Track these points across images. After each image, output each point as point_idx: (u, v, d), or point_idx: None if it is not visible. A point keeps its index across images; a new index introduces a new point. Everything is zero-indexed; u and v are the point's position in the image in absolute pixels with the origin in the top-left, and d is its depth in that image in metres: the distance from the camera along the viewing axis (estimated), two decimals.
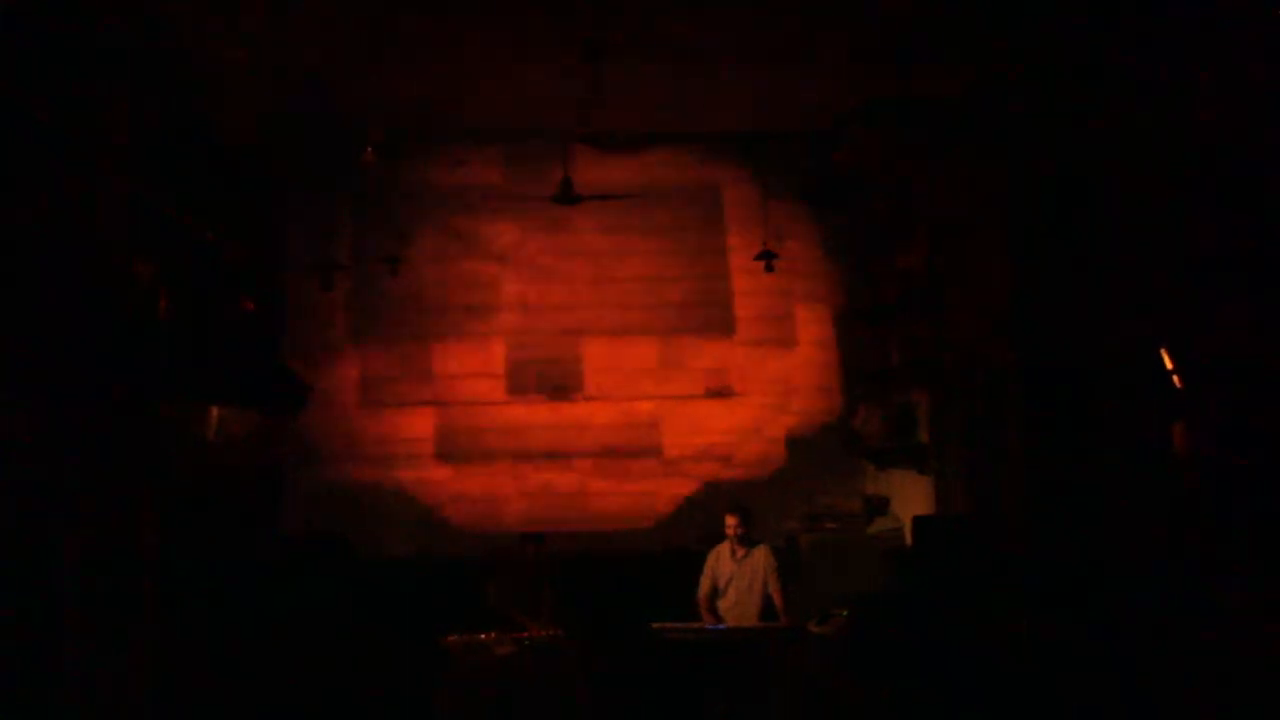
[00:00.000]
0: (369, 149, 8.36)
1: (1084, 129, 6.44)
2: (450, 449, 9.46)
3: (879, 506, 9.23)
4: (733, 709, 7.58)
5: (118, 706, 5.45)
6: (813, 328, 9.78)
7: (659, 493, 9.55)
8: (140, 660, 5.69)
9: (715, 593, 8.09)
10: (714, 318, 9.72)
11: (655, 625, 7.66)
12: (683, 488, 9.55)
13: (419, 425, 9.46)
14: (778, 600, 7.87)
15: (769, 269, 8.70)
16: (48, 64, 5.11)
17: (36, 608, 4.97)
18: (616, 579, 8.82)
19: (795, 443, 9.63)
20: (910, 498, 8.81)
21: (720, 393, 9.67)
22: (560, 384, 9.59)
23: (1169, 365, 5.47)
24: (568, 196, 7.98)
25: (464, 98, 8.64)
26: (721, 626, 7.79)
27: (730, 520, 8.02)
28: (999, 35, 7.05)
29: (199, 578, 6.70)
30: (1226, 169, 5.21)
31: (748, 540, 8.03)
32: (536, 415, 9.55)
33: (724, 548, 8.11)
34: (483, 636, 7.56)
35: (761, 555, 8.01)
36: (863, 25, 7.21)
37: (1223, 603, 5.13)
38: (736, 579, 8.01)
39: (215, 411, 7.11)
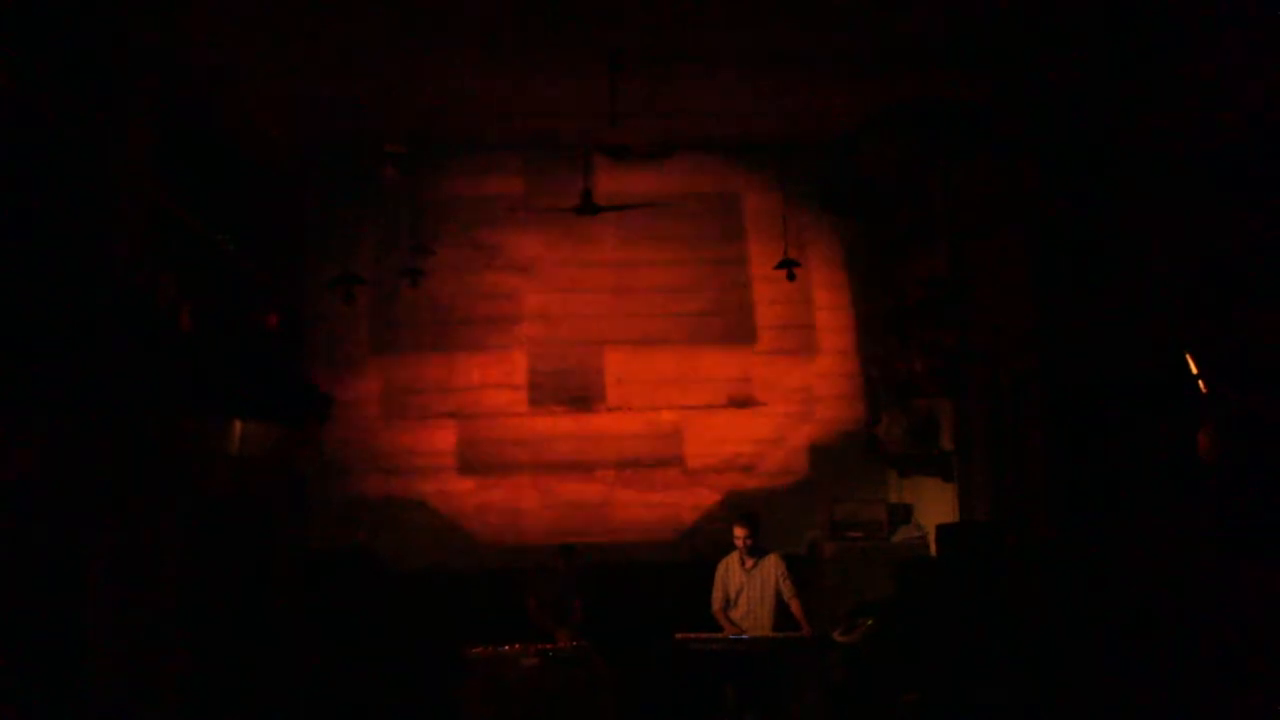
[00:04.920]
0: (389, 162, 8.39)
1: (1106, 133, 6.40)
2: (473, 461, 9.49)
3: (903, 515, 9.19)
4: (758, 718, 7.56)
5: (145, 719, 5.47)
6: (834, 336, 9.77)
7: (682, 503, 9.55)
8: (166, 672, 5.70)
9: (727, 603, 8.07)
10: (735, 327, 9.72)
11: (679, 636, 7.65)
12: (706, 498, 9.55)
13: (441, 437, 9.49)
14: (795, 605, 7.84)
15: (791, 277, 8.67)
16: (70, 75, 5.15)
17: (63, 621, 4.99)
18: (640, 589, 8.82)
19: (818, 451, 9.62)
20: (934, 505, 8.76)
21: (742, 402, 9.66)
22: (582, 395, 9.60)
23: (1194, 369, 5.41)
24: (588, 207, 7.97)
25: (484, 110, 8.67)
26: (745, 636, 7.76)
27: (739, 531, 8.00)
28: (1020, 40, 7.02)
29: (224, 590, 6.72)
30: (1251, 171, 5.16)
31: (757, 550, 8.01)
32: (559, 426, 9.57)
33: (733, 558, 8.09)
34: (507, 648, 7.56)
35: (771, 564, 7.99)
36: (883, 32, 7.19)
37: (1250, 609, 5.07)
38: (747, 589, 7.99)
39: (238, 425, 7.13)
